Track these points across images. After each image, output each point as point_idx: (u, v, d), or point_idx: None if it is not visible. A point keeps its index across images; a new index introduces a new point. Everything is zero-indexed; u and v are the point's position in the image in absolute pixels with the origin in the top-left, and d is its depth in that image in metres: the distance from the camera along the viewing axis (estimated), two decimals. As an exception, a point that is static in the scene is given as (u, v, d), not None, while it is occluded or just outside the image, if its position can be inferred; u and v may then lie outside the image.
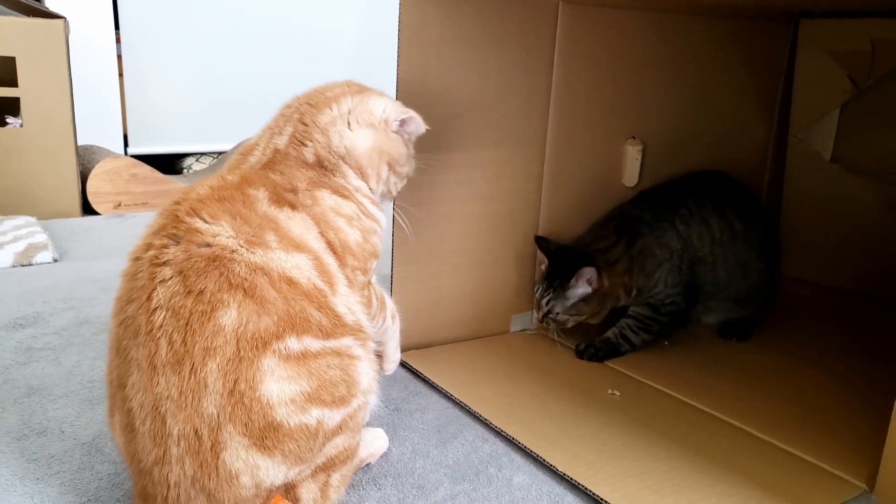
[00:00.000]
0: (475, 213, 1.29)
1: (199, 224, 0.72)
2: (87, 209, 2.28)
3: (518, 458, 0.97)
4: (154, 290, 0.69)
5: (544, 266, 1.30)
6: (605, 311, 1.29)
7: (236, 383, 0.67)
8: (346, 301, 0.78)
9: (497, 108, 1.26)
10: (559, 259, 1.27)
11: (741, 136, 1.67)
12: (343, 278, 0.80)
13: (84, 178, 2.26)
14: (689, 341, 1.38)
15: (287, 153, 0.84)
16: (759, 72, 1.65)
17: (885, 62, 1.53)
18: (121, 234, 2.05)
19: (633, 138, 1.46)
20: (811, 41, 1.65)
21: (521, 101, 1.28)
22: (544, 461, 0.95)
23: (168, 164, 2.95)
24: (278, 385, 0.68)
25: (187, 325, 0.67)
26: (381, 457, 0.96)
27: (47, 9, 2.37)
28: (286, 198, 0.79)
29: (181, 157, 3.00)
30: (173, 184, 2.40)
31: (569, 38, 1.30)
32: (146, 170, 2.34)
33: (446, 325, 1.31)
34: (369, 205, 0.87)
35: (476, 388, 1.14)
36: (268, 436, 0.68)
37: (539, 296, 1.27)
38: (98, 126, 2.68)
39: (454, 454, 0.98)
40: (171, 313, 0.67)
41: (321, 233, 0.80)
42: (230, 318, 0.67)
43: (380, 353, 0.93)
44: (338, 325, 0.75)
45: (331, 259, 0.79)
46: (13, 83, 2.10)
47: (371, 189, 0.88)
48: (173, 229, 0.72)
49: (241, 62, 2.98)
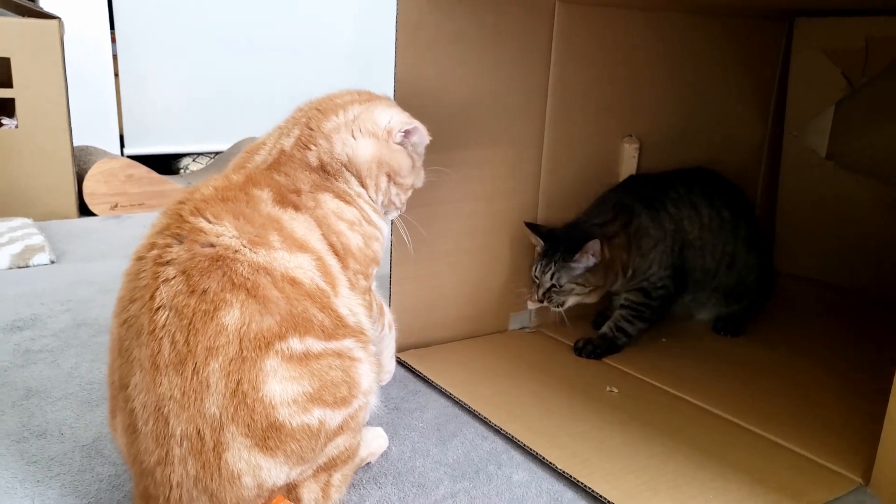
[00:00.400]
0: (473, 212, 1.29)
1: (203, 224, 0.72)
2: (84, 210, 2.27)
3: (517, 456, 0.98)
4: (157, 289, 0.69)
5: (539, 248, 1.31)
6: (605, 287, 1.30)
7: (239, 383, 0.67)
8: (348, 303, 0.79)
9: (494, 107, 1.26)
10: (556, 236, 1.28)
11: (737, 134, 1.68)
12: (345, 280, 0.80)
13: (80, 179, 2.26)
14: (686, 338, 1.39)
15: (292, 155, 0.84)
16: (754, 70, 1.66)
17: (879, 60, 1.54)
18: (118, 235, 2.05)
19: (630, 136, 1.46)
20: (806, 39, 1.65)
21: (518, 101, 1.29)
22: (543, 459, 0.96)
23: (165, 164, 2.94)
24: (281, 385, 0.69)
25: (190, 324, 0.67)
26: (382, 456, 0.96)
27: (42, 9, 2.36)
28: (290, 199, 0.79)
29: (178, 157, 3.00)
30: (170, 184, 2.39)
31: (565, 37, 1.30)
32: (143, 170, 2.34)
33: (445, 324, 1.31)
34: (371, 212, 0.88)
35: (475, 387, 1.15)
36: (270, 436, 0.68)
37: (539, 272, 1.28)
38: (94, 127, 2.68)
39: (454, 452, 0.98)
40: (174, 312, 0.68)
41: (323, 235, 0.80)
42: (233, 317, 0.68)
43: None
44: (339, 327, 0.75)
45: (333, 261, 0.80)
46: (8, 84, 2.09)
47: (371, 198, 0.89)
48: (177, 229, 0.72)
49: (238, 61, 2.98)
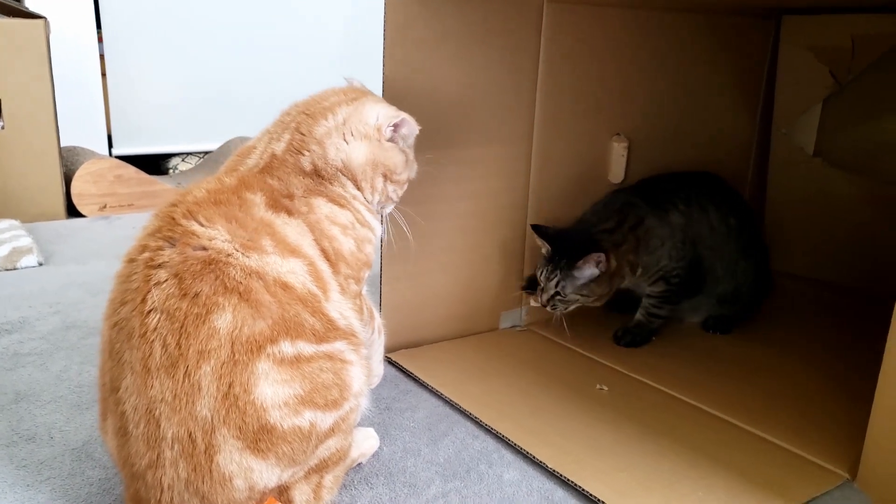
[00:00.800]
0: (463, 211, 1.29)
1: (196, 227, 0.72)
2: (72, 211, 2.25)
3: (508, 455, 0.98)
4: (149, 292, 0.69)
5: (545, 250, 1.30)
6: (612, 292, 1.31)
7: (230, 386, 0.67)
8: (339, 307, 0.79)
9: (483, 106, 1.26)
10: (562, 241, 1.27)
11: (725, 132, 1.69)
12: (336, 285, 0.80)
13: (68, 180, 2.24)
14: (676, 336, 1.40)
15: (284, 160, 0.84)
16: (742, 68, 1.67)
17: (865, 57, 1.55)
18: (107, 237, 2.03)
19: (619, 135, 1.47)
20: (793, 37, 1.66)
21: (507, 100, 1.29)
22: (534, 457, 0.96)
23: (153, 164, 2.92)
24: (272, 388, 0.69)
25: (182, 328, 0.67)
26: (373, 456, 0.96)
27: (27, 9, 2.34)
28: (283, 203, 0.80)
29: (167, 157, 2.98)
30: (159, 184, 2.38)
31: (554, 35, 1.31)
32: (131, 171, 2.33)
33: (436, 323, 1.31)
34: (365, 212, 0.88)
35: (466, 386, 1.15)
36: (261, 438, 0.68)
37: (544, 278, 1.27)
38: (81, 127, 2.66)
39: (445, 452, 0.98)
40: (165, 316, 0.67)
41: (315, 240, 0.80)
42: (225, 321, 0.68)
43: None
44: (331, 330, 0.76)
45: (324, 266, 0.80)
46: (-6, 85, 2.08)
47: (367, 199, 0.89)
48: (169, 232, 0.72)
49: (227, 60, 2.96)
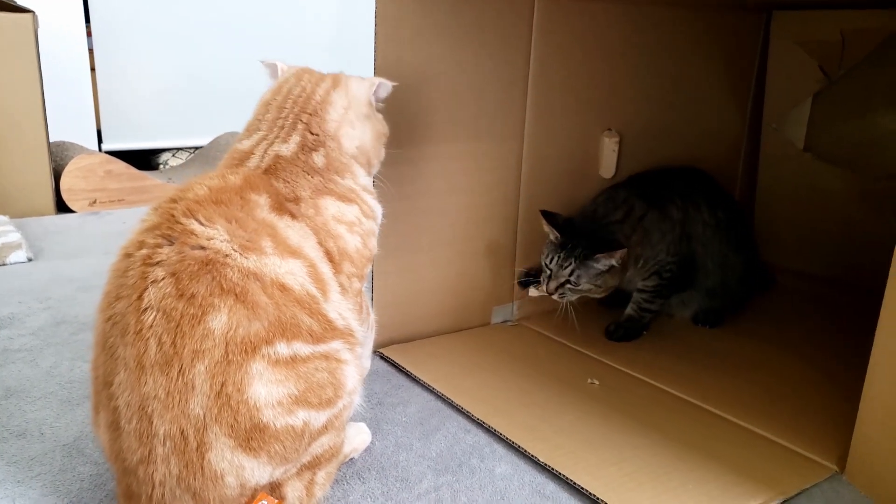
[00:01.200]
0: (454, 206, 1.29)
1: (195, 226, 0.71)
2: (62, 207, 2.24)
3: (500, 449, 0.99)
4: (146, 289, 0.68)
5: (553, 236, 1.29)
6: (617, 283, 1.31)
7: (224, 386, 0.67)
8: (338, 307, 0.79)
9: (475, 101, 1.26)
10: (573, 230, 1.27)
11: (716, 126, 1.70)
12: (336, 286, 0.81)
13: (57, 176, 2.23)
14: (667, 331, 1.41)
15: (293, 160, 0.84)
16: (733, 63, 1.68)
17: (855, 52, 1.56)
18: (97, 232, 2.02)
19: (610, 130, 1.47)
20: (784, 32, 1.67)
21: (499, 94, 1.29)
22: (526, 452, 0.96)
23: (143, 159, 2.91)
24: (266, 388, 0.69)
25: (177, 327, 0.67)
26: (365, 451, 0.97)
27: (15, 2, 2.31)
28: (287, 207, 0.80)
29: (157, 152, 2.96)
30: (149, 180, 2.37)
31: (545, 30, 1.31)
32: (121, 166, 2.31)
33: (427, 318, 1.32)
34: (370, 200, 0.90)
35: (458, 381, 1.15)
36: (253, 437, 0.68)
37: (556, 265, 1.26)
38: (70, 122, 2.64)
39: (437, 446, 0.99)
40: (161, 314, 0.67)
41: (320, 242, 0.81)
42: (220, 322, 0.68)
43: None
44: (328, 330, 0.76)
45: (326, 268, 0.80)
46: (-19, 79, 2.06)
47: (373, 174, 0.92)
48: (168, 229, 0.71)
49: (217, 54, 2.94)
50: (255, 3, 2.98)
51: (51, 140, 2.22)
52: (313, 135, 0.86)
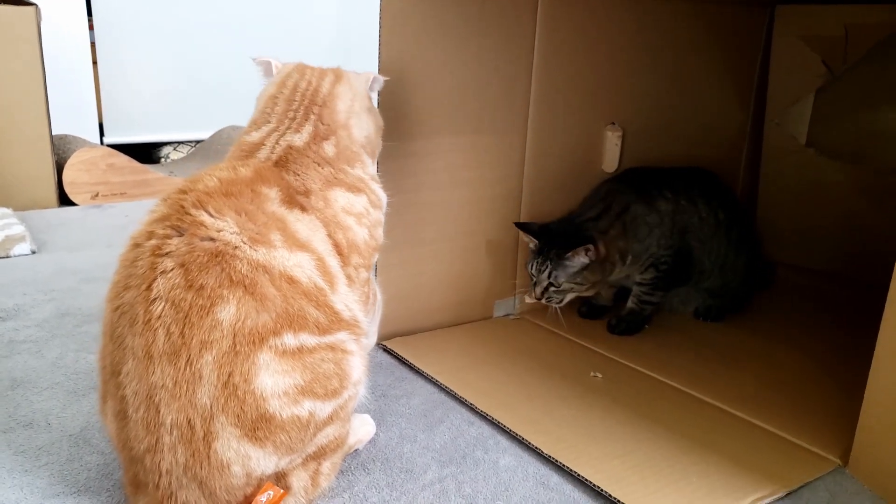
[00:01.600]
0: (457, 200, 1.29)
1: (205, 217, 0.72)
2: (64, 200, 2.24)
3: (504, 441, 0.99)
4: (154, 280, 0.69)
5: (532, 245, 1.31)
6: (605, 279, 1.32)
7: (231, 376, 0.67)
8: (345, 299, 0.80)
9: (478, 95, 1.26)
10: (548, 233, 1.28)
11: (719, 121, 1.69)
12: (344, 278, 0.81)
13: (60, 169, 2.23)
14: (669, 325, 1.41)
15: (305, 150, 0.85)
16: (735, 57, 1.67)
17: (858, 47, 1.56)
18: (99, 225, 2.03)
19: (613, 124, 1.47)
20: (786, 27, 1.67)
21: (502, 89, 1.29)
22: (529, 444, 0.97)
23: (145, 153, 2.91)
24: (272, 379, 0.69)
25: (186, 317, 0.67)
26: (369, 442, 0.97)
27: (18, -5, 2.32)
28: (298, 200, 0.80)
29: (158, 145, 2.96)
30: (151, 173, 2.37)
31: (548, 25, 1.31)
32: (123, 159, 2.31)
33: (430, 311, 1.32)
34: (377, 188, 0.92)
35: (461, 374, 1.16)
36: (260, 427, 0.69)
37: (536, 270, 1.28)
38: (73, 115, 2.63)
39: (441, 438, 0.99)
40: (170, 305, 0.68)
41: (329, 234, 0.81)
42: (228, 313, 0.68)
43: None
44: (335, 322, 0.76)
45: (334, 261, 0.81)
46: (-17, 72, 2.06)
47: (375, 163, 0.94)
48: (178, 220, 0.72)
49: (219, 48, 2.94)
50: (257, -2, 2.98)
51: (53, 133, 2.22)
52: (324, 125, 0.87)
